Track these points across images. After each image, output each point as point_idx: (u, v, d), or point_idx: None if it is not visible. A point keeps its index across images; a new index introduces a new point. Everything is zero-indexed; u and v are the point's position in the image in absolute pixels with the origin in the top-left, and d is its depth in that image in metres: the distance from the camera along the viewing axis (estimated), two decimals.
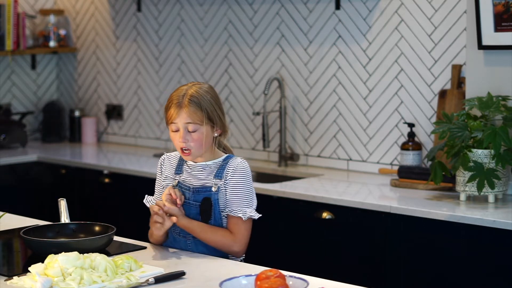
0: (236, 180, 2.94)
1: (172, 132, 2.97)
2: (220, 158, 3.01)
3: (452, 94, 4.15)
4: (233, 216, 2.93)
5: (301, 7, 4.75)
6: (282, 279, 2.41)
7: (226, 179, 2.95)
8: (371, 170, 4.53)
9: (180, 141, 2.94)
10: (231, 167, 2.96)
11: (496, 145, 3.62)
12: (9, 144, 5.61)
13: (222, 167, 2.98)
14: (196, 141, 2.94)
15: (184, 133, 2.93)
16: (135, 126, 5.69)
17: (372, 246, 3.83)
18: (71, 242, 2.86)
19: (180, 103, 2.93)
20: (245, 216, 2.92)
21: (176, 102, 2.93)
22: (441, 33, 4.24)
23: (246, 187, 2.95)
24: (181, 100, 2.93)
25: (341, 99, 4.63)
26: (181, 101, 2.93)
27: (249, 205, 2.95)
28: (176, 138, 2.95)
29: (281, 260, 4.01)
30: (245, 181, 2.95)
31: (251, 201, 2.96)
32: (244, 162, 2.98)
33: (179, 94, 2.94)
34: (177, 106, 2.93)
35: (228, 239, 2.92)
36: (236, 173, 2.95)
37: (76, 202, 5.02)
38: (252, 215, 2.94)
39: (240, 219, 2.93)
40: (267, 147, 4.81)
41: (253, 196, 2.97)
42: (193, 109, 2.92)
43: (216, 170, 2.98)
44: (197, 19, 5.25)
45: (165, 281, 2.60)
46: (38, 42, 5.92)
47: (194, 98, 2.92)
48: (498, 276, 3.47)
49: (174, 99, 2.95)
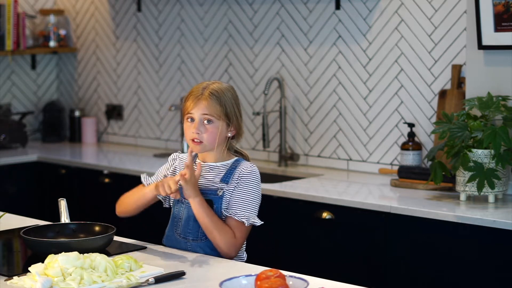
0: (245, 184, 2.93)
1: (187, 123, 2.95)
2: (230, 161, 2.99)
3: (452, 94, 4.15)
4: (236, 219, 2.92)
5: (301, 7, 4.75)
6: (282, 279, 2.41)
7: (233, 184, 2.93)
8: (371, 170, 4.53)
9: (193, 131, 2.92)
10: (239, 172, 2.94)
11: (496, 145, 3.62)
12: (9, 144, 5.61)
13: (230, 171, 2.96)
14: (210, 134, 2.92)
15: (199, 124, 2.92)
16: (135, 126, 5.69)
17: (372, 246, 3.83)
18: (71, 242, 2.86)
19: (200, 95, 2.93)
20: (248, 222, 2.91)
21: (196, 94, 2.94)
22: (441, 33, 4.24)
23: (254, 193, 2.94)
24: (201, 92, 2.94)
25: (341, 99, 4.63)
26: (201, 93, 2.93)
27: (254, 211, 2.93)
28: (190, 128, 2.94)
29: (281, 260, 4.01)
30: (254, 187, 2.94)
31: (256, 208, 2.94)
32: (254, 167, 2.96)
33: (200, 87, 2.95)
34: (196, 98, 2.93)
35: (232, 239, 2.90)
36: (246, 177, 2.93)
37: (76, 202, 5.02)
38: (256, 221, 2.93)
39: (242, 224, 2.92)
40: (267, 147, 4.81)
41: (259, 203, 2.96)
42: (212, 102, 2.92)
43: (224, 174, 2.96)
44: (197, 19, 5.25)
45: (165, 281, 2.60)
46: (38, 42, 5.92)
47: (215, 92, 2.93)
48: (498, 276, 3.47)
49: (194, 91, 2.95)
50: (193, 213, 2.93)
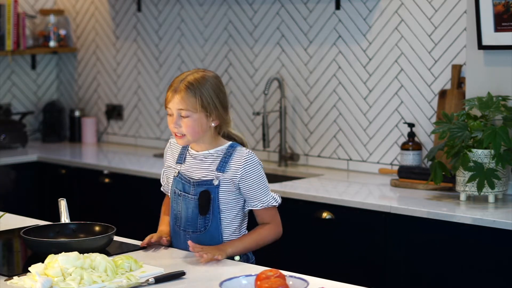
0: (252, 175, 2.93)
1: (168, 116, 2.96)
2: (223, 146, 2.98)
3: (452, 94, 4.15)
4: (268, 207, 2.97)
5: (301, 7, 4.75)
6: (282, 279, 2.41)
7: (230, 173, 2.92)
8: (371, 170, 4.53)
9: (172, 126, 2.94)
10: (236, 162, 2.93)
11: (496, 145, 3.62)
12: (9, 144, 5.61)
13: (225, 158, 2.95)
14: (188, 128, 2.91)
15: (177, 119, 2.92)
16: (135, 126, 5.69)
17: (372, 246, 3.83)
18: (71, 242, 2.86)
19: (176, 88, 2.91)
20: (277, 202, 2.99)
21: (173, 87, 2.92)
22: (441, 33, 4.24)
23: (262, 177, 2.96)
24: (177, 85, 2.91)
25: (341, 99, 4.63)
26: (177, 86, 2.91)
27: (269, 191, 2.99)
28: (170, 123, 2.95)
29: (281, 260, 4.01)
30: (259, 172, 2.95)
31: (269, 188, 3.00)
32: (250, 155, 2.94)
33: (179, 79, 2.93)
34: (173, 91, 2.92)
35: (272, 231, 3.01)
36: (249, 168, 2.93)
37: (76, 202, 5.02)
38: (277, 197, 3.01)
39: (274, 207, 3.00)
40: (267, 147, 4.81)
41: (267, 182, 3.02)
42: (186, 95, 2.89)
43: (219, 162, 2.95)
44: (197, 19, 5.25)
45: (165, 281, 2.60)
46: (38, 42, 5.92)
47: (190, 84, 2.89)
48: (498, 276, 3.47)
49: (173, 83, 2.94)
50: (191, 205, 2.96)
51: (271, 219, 3.00)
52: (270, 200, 2.98)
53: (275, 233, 3.01)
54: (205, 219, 2.95)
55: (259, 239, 2.98)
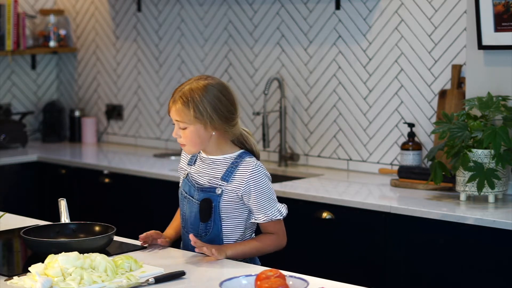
0: (256, 189, 2.89)
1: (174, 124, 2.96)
2: (233, 154, 2.94)
3: (452, 94, 4.15)
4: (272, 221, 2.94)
5: (301, 7, 4.75)
6: (282, 279, 2.41)
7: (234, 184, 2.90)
8: (371, 170, 4.53)
9: (174, 135, 2.94)
10: (242, 174, 2.90)
11: (496, 145, 3.62)
12: (9, 144, 5.61)
13: (231, 168, 2.91)
14: (186, 138, 2.90)
15: (177, 129, 2.92)
16: (135, 126, 5.69)
17: (372, 246, 3.83)
18: (71, 242, 2.86)
19: (174, 99, 2.90)
20: (281, 215, 2.95)
21: (173, 97, 2.91)
22: (441, 33, 4.24)
23: (268, 190, 2.91)
24: (175, 95, 2.90)
25: (341, 99, 4.63)
26: (175, 96, 2.89)
27: (276, 203, 2.95)
28: (174, 131, 2.95)
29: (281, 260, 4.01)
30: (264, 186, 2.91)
31: (276, 200, 2.96)
32: (256, 167, 2.90)
33: (178, 89, 2.91)
34: (172, 101, 2.91)
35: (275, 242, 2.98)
36: (254, 182, 2.89)
37: (76, 202, 5.02)
38: (282, 210, 2.96)
39: (279, 220, 2.96)
40: (267, 147, 4.81)
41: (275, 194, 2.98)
42: (181, 107, 2.86)
43: (225, 170, 2.93)
44: (197, 19, 5.25)
45: (165, 281, 2.60)
46: (38, 42, 5.92)
47: (184, 96, 2.86)
48: (498, 276, 3.47)
49: (174, 92, 2.92)
50: (195, 210, 2.95)
51: (275, 231, 2.97)
52: (275, 213, 2.93)
53: (278, 244, 3.00)
54: (206, 225, 2.95)
55: (260, 247, 2.96)
